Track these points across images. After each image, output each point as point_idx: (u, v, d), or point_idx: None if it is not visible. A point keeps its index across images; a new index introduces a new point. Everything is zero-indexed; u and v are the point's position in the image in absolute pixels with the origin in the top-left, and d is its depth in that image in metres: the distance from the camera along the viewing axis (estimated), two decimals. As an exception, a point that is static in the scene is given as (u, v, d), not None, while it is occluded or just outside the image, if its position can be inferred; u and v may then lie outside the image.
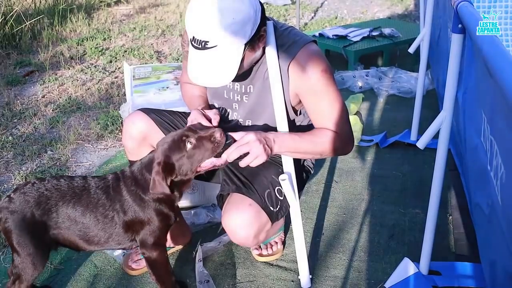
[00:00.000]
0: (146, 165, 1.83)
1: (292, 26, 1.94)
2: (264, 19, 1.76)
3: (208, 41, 1.66)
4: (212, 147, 1.77)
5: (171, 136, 1.82)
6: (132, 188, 1.83)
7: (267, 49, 1.82)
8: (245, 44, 1.70)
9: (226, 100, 2.01)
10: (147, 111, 2.10)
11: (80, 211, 1.82)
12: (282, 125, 1.86)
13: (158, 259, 1.89)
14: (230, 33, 1.64)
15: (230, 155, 1.74)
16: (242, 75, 1.85)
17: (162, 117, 2.09)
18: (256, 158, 1.73)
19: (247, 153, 1.73)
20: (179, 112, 2.17)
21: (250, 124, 2.00)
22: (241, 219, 1.87)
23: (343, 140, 1.87)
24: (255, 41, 1.74)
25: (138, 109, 2.11)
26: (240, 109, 2.00)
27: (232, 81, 1.79)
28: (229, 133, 1.79)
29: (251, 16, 1.67)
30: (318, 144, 1.84)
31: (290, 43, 1.84)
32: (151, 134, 2.05)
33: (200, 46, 1.68)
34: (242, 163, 1.75)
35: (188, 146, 1.78)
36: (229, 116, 2.03)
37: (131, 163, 2.13)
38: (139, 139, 2.05)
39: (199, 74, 1.75)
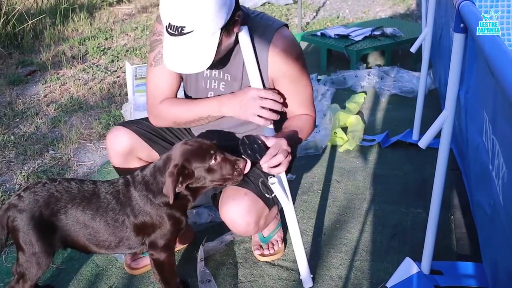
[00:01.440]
0: (160, 168, 1.81)
1: (263, 12, 1.95)
2: (237, 4, 1.76)
3: (184, 27, 1.65)
4: (233, 174, 1.80)
5: (198, 142, 1.81)
6: (144, 192, 1.82)
7: (240, 35, 1.80)
8: (221, 29, 1.69)
9: (203, 91, 1.99)
10: (127, 124, 2.07)
11: (90, 215, 1.82)
12: None
13: (166, 261, 1.90)
14: (206, 18, 1.64)
15: (271, 161, 1.70)
16: (220, 62, 1.85)
17: (143, 128, 2.06)
18: (285, 168, 1.75)
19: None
20: None
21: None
22: (238, 209, 1.87)
23: (314, 122, 2.00)
24: (230, 25, 1.73)
25: (117, 125, 2.08)
26: None
27: (209, 68, 1.80)
28: (258, 135, 1.75)
29: (226, 1, 1.67)
30: (304, 131, 1.94)
31: (264, 28, 1.85)
32: (136, 147, 2.03)
33: (176, 32, 1.67)
34: (273, 171, 1.74)
35: (212, 161, 1.78)
36: None
37: (118, 170, 2.12)
38: (125, 153, 2.03)
39: (176, 61, 1.73)
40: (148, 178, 1.83)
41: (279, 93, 1.88)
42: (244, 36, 1.80)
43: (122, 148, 2.02)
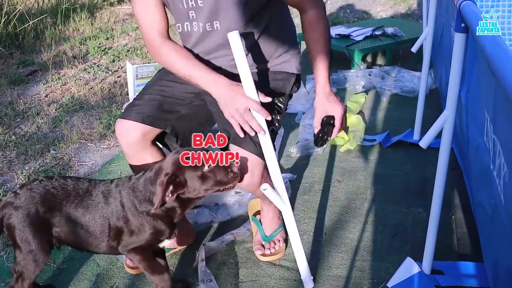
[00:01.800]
0: (151, 178, 1.80)
1: None
2: None
3: None
4: (228, 178, 1.77)
5: (190, 150, 1.78)
6: (130, 197, 1.81)
7: (231, 39, 1.75)
8: None
9: (183, 13, 1.96)
10: (127, 114, 2.03)
11: (81, 212, 1.81)
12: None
13: (138, 261, 1.88)
14: None
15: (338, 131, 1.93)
16: None
17: (143, 110, 2.02)
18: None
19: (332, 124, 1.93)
20: (152, 89, 2.10)
21: (219, 28, 1.93)
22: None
23: (323, 8, 2.05)
24: None
25: (119, 119, 2.05)
26: (199, 15, 1.94)
27: None
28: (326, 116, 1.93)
29: None
30: (327, 43, 2.06)
31: None
32: (145, 133, 2.01)
33: None
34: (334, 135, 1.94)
35: (205, 167, 1.75)
36: (191, 32, 2.00)
37: (133, 167, 2.11)
38: (138, 141, 2.01)
39: None
40: (138, 184, 1.81)
41: (269, 107, 1.83)
42: (235, 42, 1.73)
43: (132, 139, 2.00)
